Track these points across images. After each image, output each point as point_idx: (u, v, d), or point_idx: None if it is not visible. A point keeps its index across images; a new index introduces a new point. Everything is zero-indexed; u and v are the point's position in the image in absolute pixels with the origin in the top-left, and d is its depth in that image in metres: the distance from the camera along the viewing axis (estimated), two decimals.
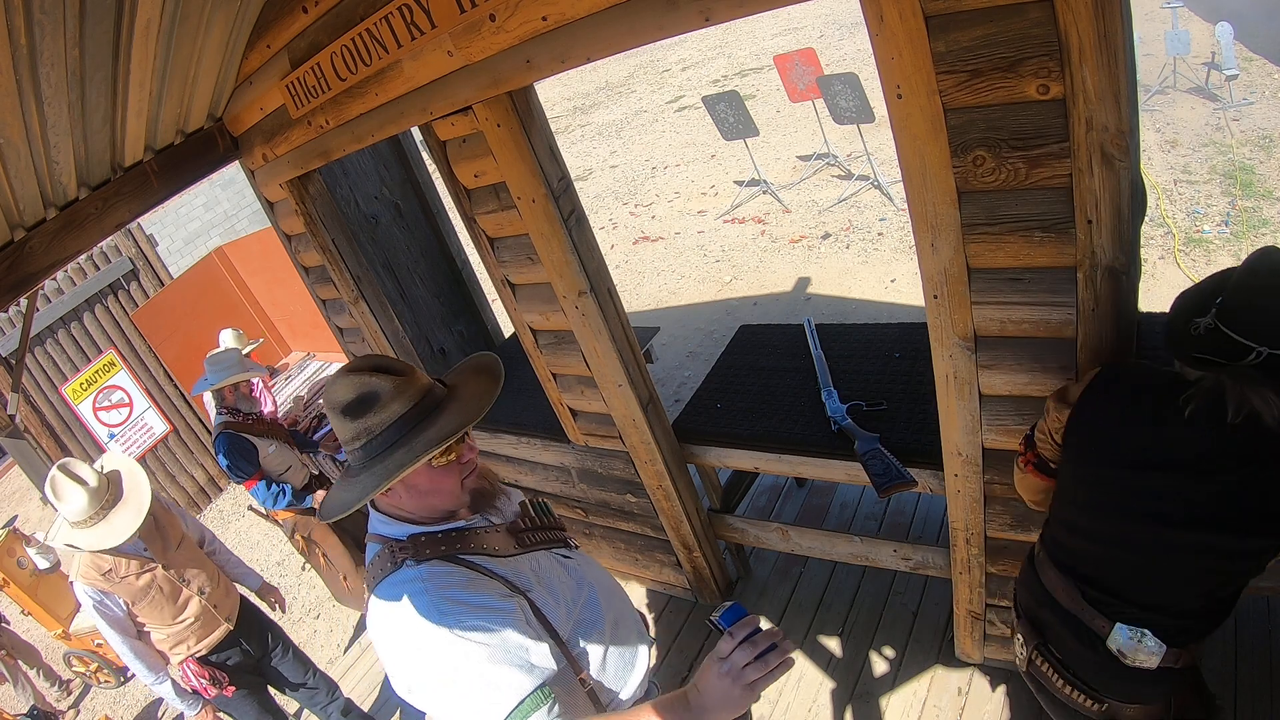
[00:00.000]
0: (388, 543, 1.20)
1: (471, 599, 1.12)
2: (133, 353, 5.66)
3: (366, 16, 1.93)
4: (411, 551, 1.17)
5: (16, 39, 1.50)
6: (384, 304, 3.16)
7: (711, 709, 1.04)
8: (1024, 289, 1.44)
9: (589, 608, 1.31)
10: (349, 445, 1.17)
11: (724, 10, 1.38)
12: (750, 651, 1.02)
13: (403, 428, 1.15)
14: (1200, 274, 4.14)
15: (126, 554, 2.42)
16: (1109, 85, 1.15)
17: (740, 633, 1.04)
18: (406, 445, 1.14)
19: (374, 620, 1.17)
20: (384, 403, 1.15)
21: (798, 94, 6.44)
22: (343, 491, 1.19)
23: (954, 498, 1.87)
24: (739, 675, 1.01)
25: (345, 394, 1.16)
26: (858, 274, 5.25)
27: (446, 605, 1.10)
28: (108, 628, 2.43)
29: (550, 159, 2.02)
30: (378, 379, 1.16)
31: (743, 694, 1.02)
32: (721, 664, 1.03)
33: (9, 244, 2.44)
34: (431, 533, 1.21)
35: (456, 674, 1.06)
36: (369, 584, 1.20)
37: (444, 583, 1.13)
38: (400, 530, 1.21)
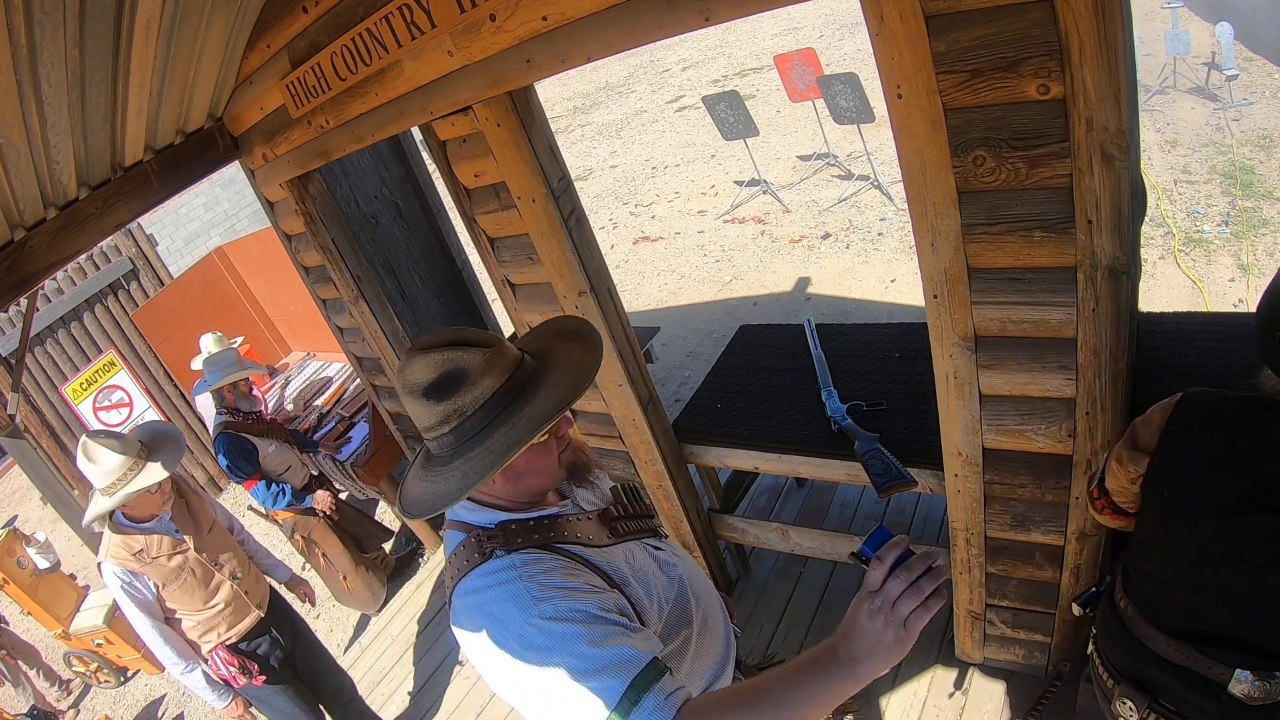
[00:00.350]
0: (474, 531, 1.09)
1: (569, 584, 1.02)
2: (133, 353, 5.66)
3: (366, 16, 1.93)
4: (501, 540, 1.06)
5: (16, 39, 1.50)
6: (384, 304, 3.16)
7: (864, 658, 0.88)
8: (1024, 289, 1.44)
9: (679, 606, 1.20)
10: (434, 431, 1.05)
11: (724, 10, 1.38)
12: (905, 579, 0.86)
13: (499, 404, 1.03)
14: (1200, 274, 4.14)
15: (158, 533, 2.36)
16: (1109, 85, 1.15)
17: (890, 556, 0.88)
18: (507, 424, 1.02)
19: (460, 616, 1.05)
20: (473, 379, 1.02)
21: (798, 94, 6.44)
22: (433, 483, 1.05)
23: (954, 498, 1.87)
24: (893, 611, 0.86)
25: (425, 374, 1.03)
26: (858, 274, 5.25)
27: (541, 591, 0.99)
28: (136, 611, 2.32)
29: (550, 159, 2.02)
30: (463, 353, 1.03)
31: (897, 636, 0.86)
32: (871, 599, 0.88)
33: (9, 244, 2.44)
34: (522, 520, 1.10)
35: (561, 660, 0.94)
36: (451, 577, 1.09)
37: (538, 569, 1.03)
38: (488, 517, 1.10)
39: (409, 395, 1.05)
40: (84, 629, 4.23)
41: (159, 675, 4.48)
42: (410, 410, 1.07)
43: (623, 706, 0.90)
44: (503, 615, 0.99)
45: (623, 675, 0.92)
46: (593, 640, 0.94)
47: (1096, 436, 1.54)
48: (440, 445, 1.06)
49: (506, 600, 1.00)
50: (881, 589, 0.87)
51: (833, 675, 0.90)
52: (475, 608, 1.03)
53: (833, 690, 0.90)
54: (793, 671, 0.92)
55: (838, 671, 0.89)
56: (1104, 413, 1.50)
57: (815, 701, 0.90)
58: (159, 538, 2.36)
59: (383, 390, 3.51)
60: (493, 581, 1.02)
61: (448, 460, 1.05)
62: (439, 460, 1.07)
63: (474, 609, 1.03)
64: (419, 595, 3.82)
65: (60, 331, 5.33)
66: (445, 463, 1.05)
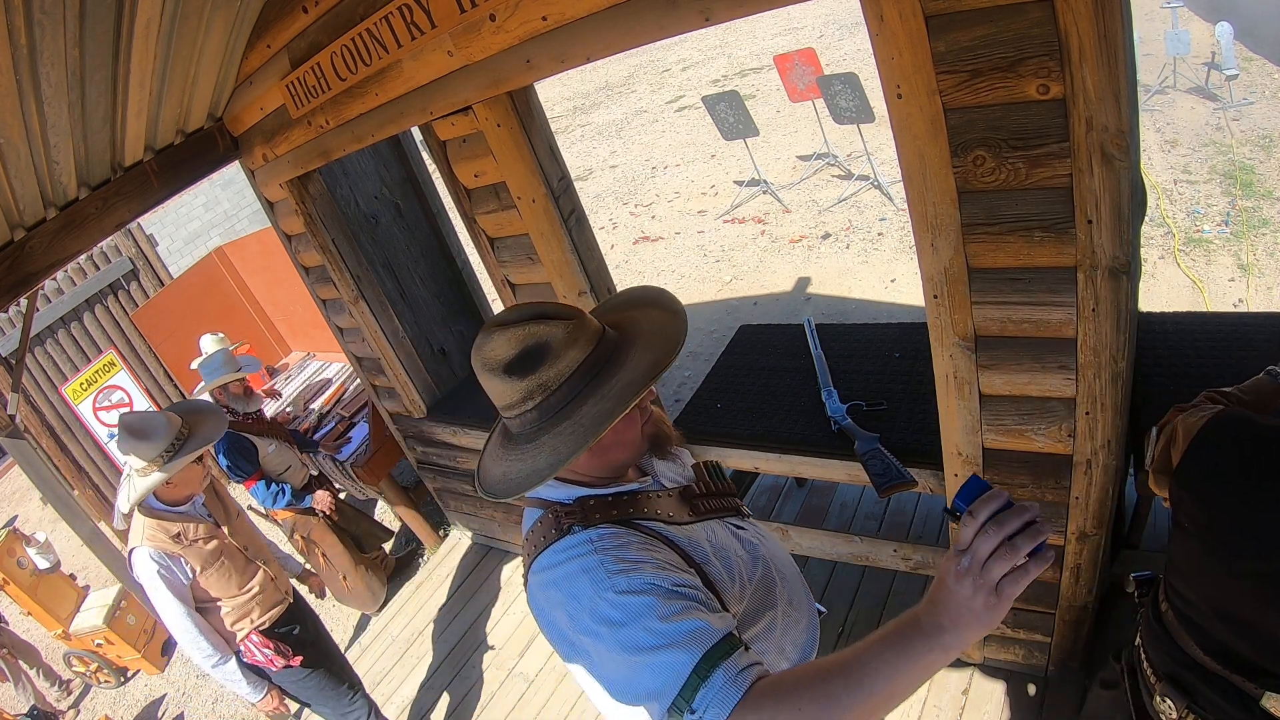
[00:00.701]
0: (551, 507, 1.07)
1: (645, 558, 0.98)
2: (133, 353, 5.67)
3: (366, 16, 1.93)
4: (579, 516, 1.04)
5: (16, 39, 1.50)
6: (384, 304, 3.16)
7: (950, 627, 0.78)
8: (1024, 289, 1.44)
9: (763, 587, 1.15)
10: (516, 409, 1.02)
11: (724, 10, 1.38)
12: (997, 534, 0.76)
13: (585, 377, 1.00)
14: (1200, 274, 4.14)
15: (193, 518, 2.32)
16: (1109, 85, 1.15)
17: (983, 510, 0.78)
18: (595, 396, 0.99)
19: (535, 592, 1.04)
20: (557, 352, 0.99)
21: (798, 94, 6.43)
22: (519, 461, 1.02)
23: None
24: (983, 574, 0.76)
25: (506, 350, 1.00)
26: (858, 274, 5.25)
27: (616, 564, 0.97)
28: (170, 599, 2.22)
29: (550, 159, 2.02)
30: (545, 326, 1.00)
31: (988, 602, 0.76)
32: (960, 559, 0.78)
33: (9, 244, 2.44)
34: (601, 495, 1.07)
35: (631, 634, 0.91)
36: (528, 554, 1.08)
37: (614, 543, 1.00)
38: (567, 493, 1.08)
39: (488, 372, 1.02)
40: (84, 629, 4.22)
41: (159, 675, 4.48)
42: (489, 388, 1.04)
43: (691, 681, 0.86)
44: (576, 589, 0.97)
45: (693, 650, 0.88)
46: (664, 615, 0.91)
47: (1096, 436, 1.54)
48: (523, 422, 1.03)
49: (580, 574, 0.97)
50: (970, 548, 0.78)
51: (915, 647, 0.80)
52: (550, 583, 1.01)
53: (916, 664, 0.80)
54: (872, 645, 0.83)
55: (921, 643, 0.80)
56: (1104, 413, 1.50)
57: (898, 676, 0.80)
58: (194, 523, 2.32)
59: (382, 390, 3.51)
60: (568, 556, 1.00)
61: (533, 437, 1.02)
62: (523, 438, 1.03)
63: (549, 584, 1.01)
64: (419, 595, 3.82)
65: (60, 331, 5.33)
66: (530, 439, 1.02)
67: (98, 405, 5.38)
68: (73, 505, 2.78)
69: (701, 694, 0.86)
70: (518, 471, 1.02)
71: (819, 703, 0.82)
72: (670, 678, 0.88)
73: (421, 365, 3.33)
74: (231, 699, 3.96)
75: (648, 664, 0.89)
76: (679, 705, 0.87)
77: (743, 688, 0.85)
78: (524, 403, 1.01)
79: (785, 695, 0.84)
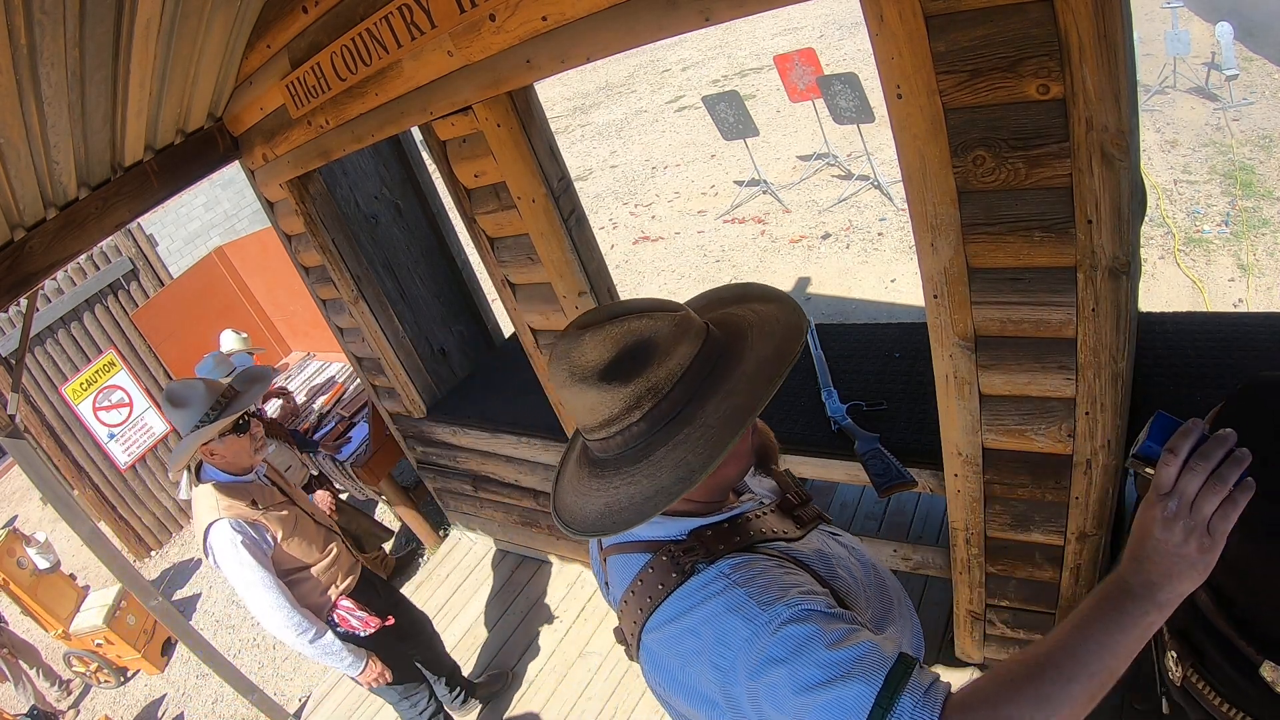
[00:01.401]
0: (662, 548, 0.91)
1: (791, 582, 0.86)
2: (133, 353, 5.66)
3: (366, 16, 1.93)
4: (701, 552, 0.88)
5: (16, 39, 1.50)
6: (384, 304, 3.16)
7: (1162, 581, 0.72)
8: (1024, 289, 1.44)
9: (879, 595, 1.05)
10: (618, 423, 0.85)
11: (724, 10, 1.38)
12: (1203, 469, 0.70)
13: (700, 375, 0.85)
14: (1200, 274, 4.14)
15: (262, 485, 2.25)
16: (1109, 85, 1.15)
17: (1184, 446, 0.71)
18: (718, 393, 0.84)
19: (661, 650, 0.88)
20: (665, 348, 0.84)
21: (798, 94, 6.43)
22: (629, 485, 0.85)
23: (954, 498, 1.87)
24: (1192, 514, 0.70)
25: (600, 352, 0.84)
26: (858, 274, 5.25)
27: (764, 594, 0.83)
28: (258, 570, 2.08)
29: (550, 159, 2.02)
30: (643, 321, 0.84)
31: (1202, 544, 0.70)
32: (1165, 503, 0.71)
33: (9, 244, 2.44)
34: (716, 523, 0.92)
35: (802, 671, 0.78)
36: (640, 610, 0.90)
37: (752, 571, 0.86)
38: (678, 528, 0.92)
39: (579, 383, 0.84)
40: (84, 629, 4.23)
41: (159, 675, 4.48)
42: (578, 403, 0.86)
43: (875, 715, 0.75)
44: (725, 632, 0.82)
45: (870, 679, 0.76)
46: (831, 643, 0.79)
47: (1096, 436, 1.54)
48: (627, 439, 0.85)
49: (726, 612, 0.83)
50: (1174, 489, 0.71)
51: (1128, 613, 0.72)
52: (686, 632, 0.85)
53: (1132, 631, 0.72)
54: (1080, 627, 0.74)
55: (1134, 606, 0.72)
56: (1104, 413, 1.50)
57: (1117, 653, 0.72)
58: (262, 489, 2.24)
59: (382, 390, 3.51)
60: (705, 596, 0.85)
61: (643, 455, 0.85)
62: (626, 459, 0.86)
63: (684, 634, 0.85)
64: (419, 595, 3.82)
65: (60, 331, 5.32)
66: (639, 459, 0.85)
67: (98, 405, 5.38)
68: (73, 505, 2.77)
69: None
70: (631, 498, 0.84)
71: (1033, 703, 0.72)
72: (847, 714, 0.75)
73: (421, 365, 3.33)
74: (232, 698, 3.96)
75: (820, 704, 0.76)
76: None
77: (935, 711, 0.74)
78: (629, 413, 0.84)
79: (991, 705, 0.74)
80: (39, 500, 7.24)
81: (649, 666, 0.92)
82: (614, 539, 0.97)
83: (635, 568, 0.92)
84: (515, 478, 3.19)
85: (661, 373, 0.84)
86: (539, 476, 3.07)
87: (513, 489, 3.28)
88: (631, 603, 0.92)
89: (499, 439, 3.04)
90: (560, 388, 0.87)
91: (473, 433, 3.14)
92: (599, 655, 3.04)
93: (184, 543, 5.88)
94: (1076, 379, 1.49)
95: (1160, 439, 0.75)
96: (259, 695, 3.25)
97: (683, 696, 0.88)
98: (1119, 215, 1.27)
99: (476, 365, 3.65)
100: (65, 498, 2.77)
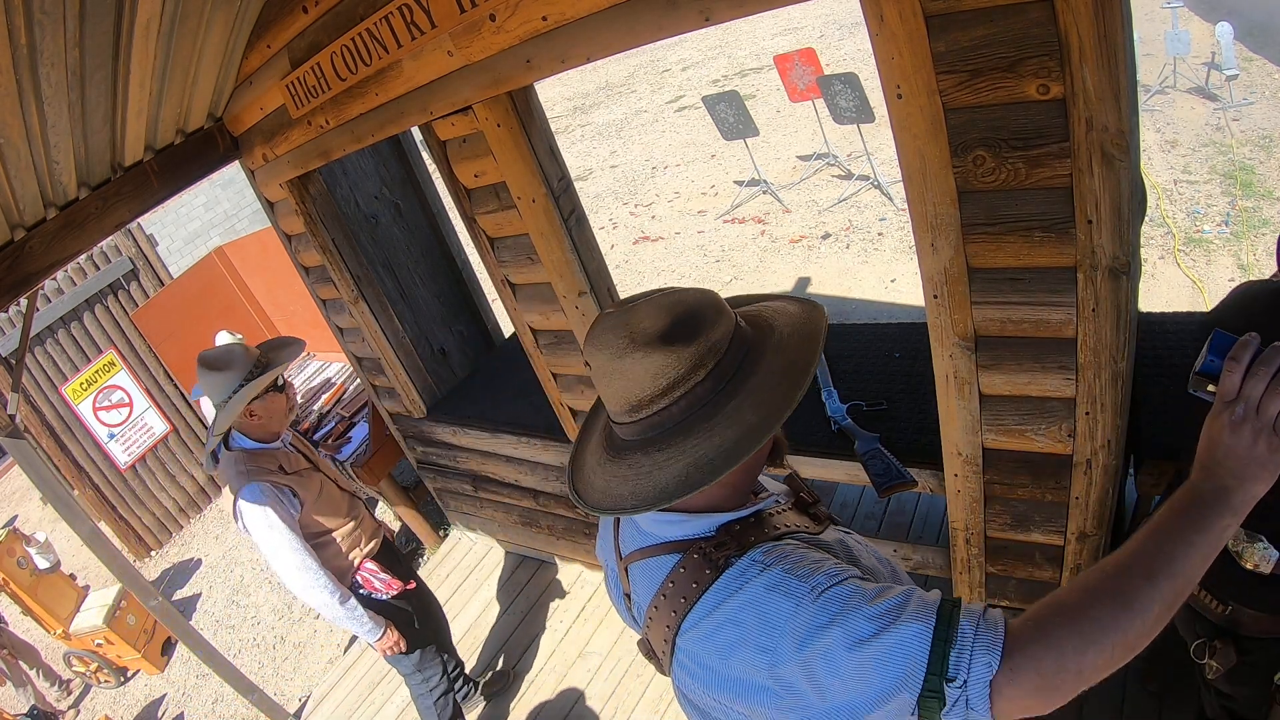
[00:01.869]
0: (692, 546, 0.90)
1: (827, 559, 0.86)
2: (133, 353, 5.66)
3: (366, 16, 1.93)
4: (733, 546, 0.87)
5: (16, 39, 1.50)
6: (384, 304, 3.16)
7: (1237, 485, 0.73)
8: (1024, 289, 1.44)
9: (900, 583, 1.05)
10: (682, 385, 0.84)
11: (724, 10, 1.38)
12: (1264, 374, 0.73)
13: (744, 340, 0.88)
14: (1200, 274, 4.14)
15: (288, 452, 2.31)
16: (1109, 85, 1.15)
17: (1245, 355, 0.75)
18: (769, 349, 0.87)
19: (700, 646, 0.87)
20: (713, 315, 0.85)
21: (798, 94, 6.44)
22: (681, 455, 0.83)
23: (954, 498, 1.87)
24: (1259, 417, 0.72)
25: (658, 319, 0.84)
26: (858, 274, 5.25)
27: (800, 569, 0.83)
28: (286, 533, 2.12)
29: (550, 159, 2.02)
30: (688, 294, 0.87)
31: (1271, 443, 0.72)
32: (1231, 411, 0.74)
33: (9, 244, 2.44)
34: (743, 518, 0.91)
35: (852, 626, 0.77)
36: (672, 612, 0.89)
37: (786, 552, 0.86)
38: (707, 524, 0.91)
39: (639, 349, 0.83)
40: (84, 629, 4.23)
41: (159, 675, 4.48)
42: (638, 370, 0.84)
43: (937, 650, 0.73)
44: (767, 612, 0.81)
45: (925, 616, 0.75)
46: (874, 597, 0.78)
47: (1096, 436, 1.54)
48: (690, 402, 0.84)
49: (765, 592, 0.82)
50: (1240, 395, 0.74)
51: (1205, 516, 0.74)
52: (725, 622, 0.84)
53: (1209, 535, 0.73)
54: (1156, 533, 0.74)
55: (1209, 510, 0.74)
56: (1104, 413, 1.50)
57: (1192, 554, 0.73)
58: (288, 455, 2.30)
59: (382, 390, 3.51)
60: (741, 583, 0.84)
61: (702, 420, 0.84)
62: (681, 429, 0.84)
63: (723, 625, 0.84)
64: None
65: (60, 331, 5.32)
66: (702, 421, 0.84)
67: (98, 405, 5.39)
68: (73, 505, 2.77)
69: (954, 658, 0.73)
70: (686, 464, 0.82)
71: (1113, 609, 0.72)
72: (909, 657, 0.74)
73: (421, 365, 3.33)
74: (232, 698, 3.96)
75: (879, 654, 0.75)
76: (932, 683, 0.73)
77: (999, 627, 0.74)
78: (694, 373, 0.83)
79: (1068, 613, 0.73)
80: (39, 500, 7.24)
81: (686, 672, 0.90)
82: (638, 545, 0.96)
83: (664, 571, 0.91)
84: (515, 478, 3.19)
85: (717, 333, 0.85)
86: (539, 476, 3.07)
87: (513, 489, 3.28)
88: (663, 607, 0.90)
89: (499, 439, 3.04)
90: (617, 357, 0.84)
91: (473, 433, 3.14)
92: (599, 655, 3.04)
93: (184, 543, 5.89)
94: (1076, 379, 1.49)
95: (1220, 353, 0.78)
96: (259, 695, 3.25)
97: (729, 693, 0.86)
98: (1119, 215, 1.27)
99: (476, 365, 3.65)
100: (65, 498, 2.77)
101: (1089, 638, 0.71)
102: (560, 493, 3.04)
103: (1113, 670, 0.73)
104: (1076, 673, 0.71)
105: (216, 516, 6.04)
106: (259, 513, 2.11)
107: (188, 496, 6.04)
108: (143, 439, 5.65)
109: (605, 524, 1.12)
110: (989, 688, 0.72)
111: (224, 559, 5.42)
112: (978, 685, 0.72)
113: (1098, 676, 0.72)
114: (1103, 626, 0.71)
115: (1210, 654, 1.33)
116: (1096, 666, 0.72)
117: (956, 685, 0.73)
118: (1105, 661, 0.72)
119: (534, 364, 2.59)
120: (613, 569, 1.08)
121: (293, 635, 4.36)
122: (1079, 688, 0.72)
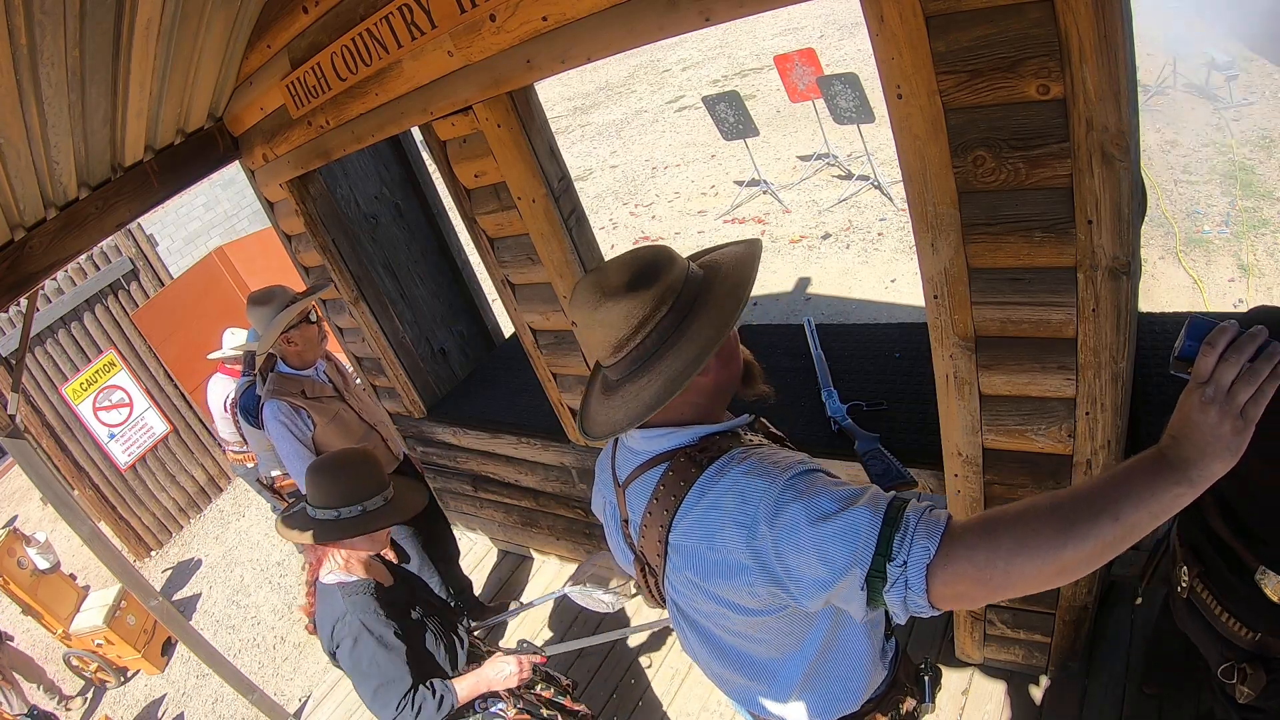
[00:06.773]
0: (677, 455, 1.04)
1: (799, 454, 1.02)
2: (133, 353, 5.66)
3: (366, 16, 1.93)
4: (714, 450, 1.02)
5: (16, 39, 1.50)
6: (384, 304, 3.16)
7: (1196, 458, 0.78)
8: (1024, 289, 1.44)
9: None
10: (650, 321, 1.00)
11: (724, 10, 1.38)
12: (1236, 361, 0.77)
13: (697, 276, 1.04)
14: (1200, 274, 4.14)
15: (316, 381, 2.70)
16: (1109, 85, 1.15)
17: (1221, 341, 0.79)
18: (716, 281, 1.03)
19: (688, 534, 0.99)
20: (667, 263, 1.02)
21: (798, 94, 6.43)
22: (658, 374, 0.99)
23: (954, 498, 1.87)
24: (1227, 401, 0.77)
25: (622, 273, 1.01)
26: (858, 274, 5.25)
27: (775, 455, 0.99)
28: (295, 444, 2.56)
29: (550, 159, 2.02)
30: (645, 250, 1.04)
31: (1235, 426, 0.77)
32: (1202, 391, 0.78)
33: (9, 244, 2.44)
34: (722, 431, 1.07)
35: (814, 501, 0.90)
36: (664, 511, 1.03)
37: (763, 449, 1.02)
38: (689, 435, 1.05)
39: (610, 298, 1.00)
40: (84, 629, 4.23)
41: (159, 675, 4.48)
42: (611, 316, 1.01)
43: (884, 533, 0.85)
44: (745, 490, 0.95)
45: (877, 505, 0.88)
46: (837, 484, 0.93)
47: (1096, 436, 1.54)
48: (659, 335, 1.00)
49: (744, 476, 0.96)
50: (1212, 377, 0.78)
51: (1163, 478, 0.79)
52: (710, 508, 0.97)
53: (1162, 497, 0.79)
54: (1114, 478, 0.81)
55: (1169, 475, 0.79)
56: (1104, 413, 1.50)
57: (1141, 507, 0.79)
58: (314, 383, 2.69)
59: (382, 390, 3.50)
60: (719, 473, 0.98)
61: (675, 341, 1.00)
62: (656, 356, 1.01)
63: (708, 510, 0.98)
64: None
65: (60, 331, 5.32)
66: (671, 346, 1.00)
67: (98, 405, 5.39)
68: (73, 505, 2.77)
69: (898, 541, 0.84)
70: (673, 371, 0.98)
71: (1054, 527, 0.79)
72: (859, 538, 0.86)
73: (421, 365, 3.33)
74: (232, 698, 3.96)
75: (834, 531, 0.87)
76: (877, 563, 0.85)
77: (940, 521, 0.84)
78: (658, 309, 1.00)
79: (1011, 518, 0.82)
80: (39, 500, 7.24)
81: (679, 566, 1.03)
82: (632, 465, 1.10)
83: (655, 479, 1.05)
84: (515, 478, 3.19)
85: (672, 276, 1.01)
86: (539, 476, 3.06)
87: (513, 489, 3.28)
88: (655, 510, 1.04)
89: (499, 439, 3.04)
90: (594, 309, 1.01)
91: (473, 433, 3.14)
92: (599, 655, 3.04)
93: (184, 543, 5.89)
94: (1077, 379, 1.49)
95: (1198, 337, 0.82)
96: (259, 695, 3.25)
97: (719, 576, 0.98)
98: (1119, 215, 1.27)
99: (476, 365, 3.65)
100: (65, 498, 2.77)
101: (1024, 543, 0.80)
102: (561, 493, 3.04)
103: (1037, 587, 0.82)
104: (1005, 571, 0.80)
105: (216, 516, 6.03)
106: (274, 424, 2.60)
107: (188, 496, 6.04)
108: (143, 439, 5.65)
109: (603, 466, 1.25)
110: (925, 570, 0.83)
111: (224, 559, 5.42)
112: (916, 567, 0.83)
113: (1024, 584, 0.81)
114: (1041, 537, 0.79)
115: (1241, 678, 1.37)
116: (1025, 574, 0.80)
117: (897, 565, 0.84)
118: (1034, 571, 0.80)
119: (534, 364, 2.59)
120: (612, 503, 1.21)
121: (293, 635, 4.36)
122: (1007, 587, 0.81)
